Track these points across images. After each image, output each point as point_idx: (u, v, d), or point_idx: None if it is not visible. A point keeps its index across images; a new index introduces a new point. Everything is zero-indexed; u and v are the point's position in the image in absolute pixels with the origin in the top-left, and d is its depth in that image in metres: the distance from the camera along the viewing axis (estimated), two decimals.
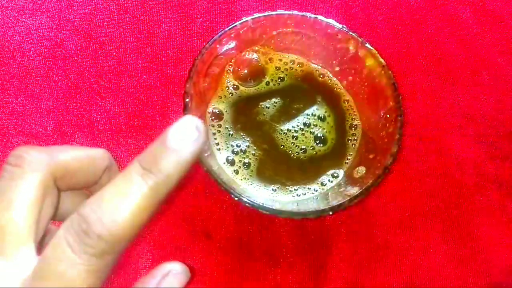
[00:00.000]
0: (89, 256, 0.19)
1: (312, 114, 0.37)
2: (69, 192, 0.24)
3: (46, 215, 0.22)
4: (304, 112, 0.37)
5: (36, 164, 0.21)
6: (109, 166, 0.25)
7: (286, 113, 0.37)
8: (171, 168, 0.20)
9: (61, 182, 0.23)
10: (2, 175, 0.21)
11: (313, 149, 0.36)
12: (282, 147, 0.36)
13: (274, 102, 0.37)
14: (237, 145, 0.36)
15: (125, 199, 0.19)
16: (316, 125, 0.36)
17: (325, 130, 0.36)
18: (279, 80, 0.38)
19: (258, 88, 0.38)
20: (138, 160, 0.20)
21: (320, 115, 0.36)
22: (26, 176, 0.21)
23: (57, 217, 0.24)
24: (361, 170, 0.34)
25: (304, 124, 0.37)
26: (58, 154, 0.22)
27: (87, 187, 0.25)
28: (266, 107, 0.37)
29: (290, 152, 0.36)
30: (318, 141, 0.36)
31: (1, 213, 0.20)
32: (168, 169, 0.20)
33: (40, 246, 0.21)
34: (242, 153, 0.36)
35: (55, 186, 0.22)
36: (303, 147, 0.36)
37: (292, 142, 0.36)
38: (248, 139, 0.36)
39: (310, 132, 0.36)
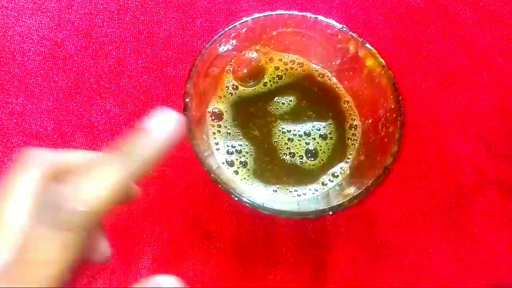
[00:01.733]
0: (63, 231, 0.20)
1: (317, 129, 0.37)
2: None
3: None
4: (312, 123, 0.37)
5: (38, 161, 0.23)
6: None
7: (296, 115, 0.37)
8: (145, 151, 0.22)
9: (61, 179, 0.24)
10: (9, 171, 0.23)
11: (301, 158, 0.36)
12: (275, 143, 0.36)
13: (285, 101, 0.37)
14: (236, 145, 0.36)
15: (99, 177, 0.21)
16: (314, 139, 0.37)
17: (321, 148, 0.36)
18: (277, 78, 0.38)
19: (256, 88, 0.38)
20: (116, 143, 0.22)
21: (323, 134, 0.37)
22: (28, 171, 0.22)
23: None
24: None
25: (305, 132, 0.37)
26: (60, 154, 0.24)
27: None
28: (282, 103, 0.37)
29: (279, 151, 0.36)
30: (309, 154, 0.36)
31: (3, 201, 0.22)
32: (142, 151, 0.22)
33: None
34: (237, 153, 0.36)
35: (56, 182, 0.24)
36: (293, 151, 0.36)
37: (285, 143, 0.36)
38: (246, 139, 0.36)
39: (306, 143, 0.36)
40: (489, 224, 0.39)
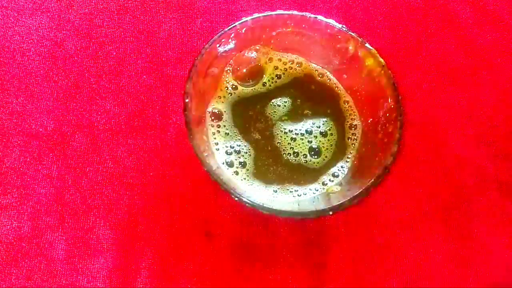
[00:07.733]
0: None
1: (317, 126, 0.37)
2: None
3: None
4: (311, 120, 0.37)
5: None
6: None
7: (297, 115, 0.37)
8: None
9: None
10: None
11: (305, 157, 0.36)
12: (278, 144, 0.36)
13: (285, 101, 0.37)
14: (235, 145, 0.36)
15: None
16: (316, 137, 0.37)
17: (323, 145, 0.36)
18: (276, 77, 0.38)
19: (255, 88, 0.38)
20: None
21: (323, 131, 0.37)
22: None
23: None
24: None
25: (306, 131, 0.37)
26: None
27: None
28: (277, 105, 0.37)
29: (283, 151, 0.36)
30: (312, 152, 0.36)
31: None
32: None
33: None
34: (236, 153, 0.36)
35: None
36: (296, 151, 0.36)
37: (288, 143, 0.36)
38: (246, 139, 0.36)
39: (308, 141, 0.36)
40: (489, 224, 0.39)
